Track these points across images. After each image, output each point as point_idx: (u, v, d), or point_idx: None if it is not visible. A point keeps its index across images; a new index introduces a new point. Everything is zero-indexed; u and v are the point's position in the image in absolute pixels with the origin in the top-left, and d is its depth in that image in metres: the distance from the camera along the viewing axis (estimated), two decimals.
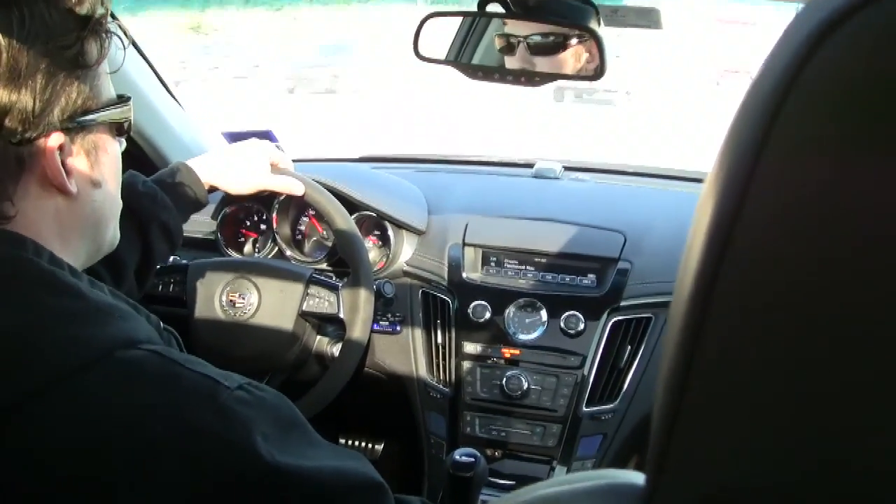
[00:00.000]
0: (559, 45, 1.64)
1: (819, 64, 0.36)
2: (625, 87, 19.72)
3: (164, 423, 0.79)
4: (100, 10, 0.95)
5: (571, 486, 0.57)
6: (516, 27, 1.67)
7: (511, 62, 1.70)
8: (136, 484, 0.76)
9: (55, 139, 0.91)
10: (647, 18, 1.63)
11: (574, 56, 1.64)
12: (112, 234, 1.11)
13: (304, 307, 1.90)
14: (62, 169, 0.92)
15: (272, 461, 0.80)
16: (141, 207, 1.53)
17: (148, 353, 0.84)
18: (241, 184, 1.77)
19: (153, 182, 1.60)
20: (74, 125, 0.94)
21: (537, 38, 1.65)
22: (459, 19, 1.71)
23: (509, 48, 1.69)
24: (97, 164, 1.00)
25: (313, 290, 1.92)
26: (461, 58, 1.74)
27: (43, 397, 0.77)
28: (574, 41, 1.63)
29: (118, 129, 1.04)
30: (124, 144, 1.10)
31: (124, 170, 1.18)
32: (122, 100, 1.03)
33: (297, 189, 1.85)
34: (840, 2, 0.36)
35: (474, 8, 1.58)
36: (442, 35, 1.71)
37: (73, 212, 0.97)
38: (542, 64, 1.67)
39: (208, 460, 0.78)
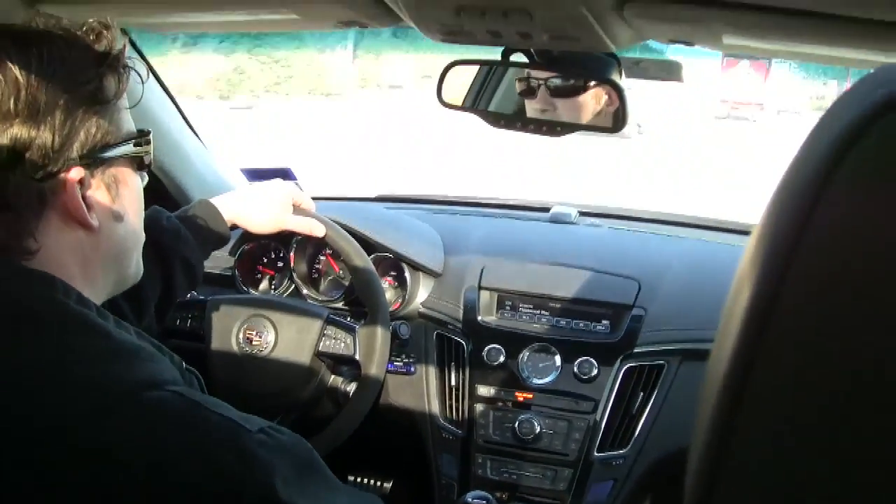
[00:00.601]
0: (579, 88, 1.65)
1: (875, 137, 0.37)
2: (635, 119, 19.78)
3: (186, 463, 0.80)
4: (117, 46, 0.97)
5: None
6: (536, 70, 1.68)
7: (531, 104, 1.72)
8: None
9: (75, 173, 0.92)
10: (669, 71, 1.65)
11: (594, 98, 1.66)
12: (135, 267, 1.12)
13: (320, 347, 1.91)
14: (83, 203, 0.94)
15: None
16: (164, 242, 1.55)
17: (171, 395, 0.85)
18: (263, 223, 1.79)
19: (176, 218, 1.61)
20: (94, 159, 0.95)
21: (557, 81, 1.67)
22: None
23: (529, 91, 1.70)
24: (118, 197, 1.01)
25: (330, 330, 1.92)
26: (479, 103, 1.76)
27: (66, 434, 0.78)
28: (593, 83, 1.64)
29: (139, 163, 1.06)
30: (146, 179, 1.11)
31: (146, 205, 1.20)
32: (141, 134, 1.05)
33: (318, 230, 1.86)
34: (882, 94, 0.38)
35: (494, 56, 1.60)
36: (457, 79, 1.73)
37: (95, 246, 0.99)
38: (562, 105, 1.68)
39: (229, 501, 0.80)
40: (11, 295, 0.86)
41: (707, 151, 17.43)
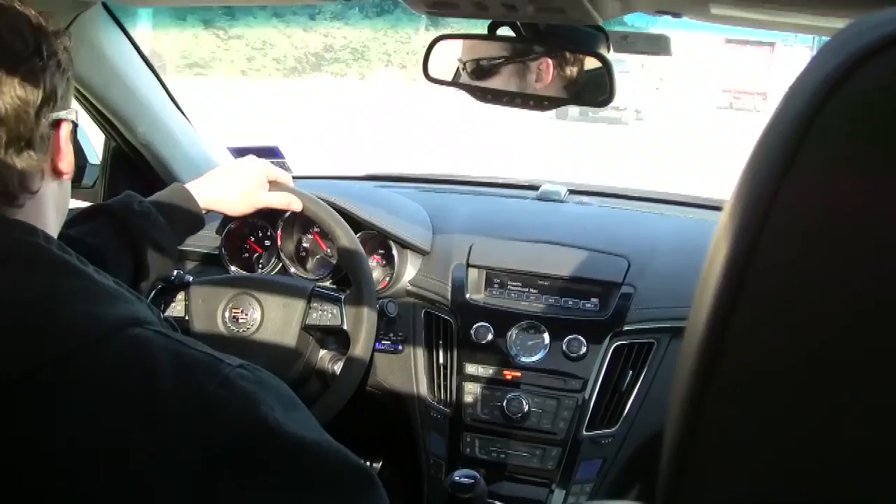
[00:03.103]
0: (491, 69, 1.64)
1: (846, 96, 0.36)
2: (634, 105, 19.65)
3: (172, 391, 0.82)
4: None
5: None
6: (465, 51, 1.67)
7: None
8: (146, 451, 0.79)
9: (67, 124, 1.00)
10: (657, 45, 1.64)
11: (512, 77, 1.64)
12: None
13: (307, 321, 1.90)
14: (70, 151, 1.01)
15: (277, 427, 0.84)
16: (135, 226, 1.55)
17: (154, 333, 0.88)
18: (239, 204, 1.79)
19: (150, 203, 1.62)
20: (70, 114, 1.01)
21: (481, 62, 1.65)
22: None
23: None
24: (71, 153, 1.05)
25: (316, 303, 1.91)
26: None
27: (56, 367, 0.80)
28: (509, 65, 1.63)
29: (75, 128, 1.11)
30: None
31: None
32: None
33: (295, 204, 1.86)
34: (868, 39, 0.37)
35: (484, 31, 1.58)
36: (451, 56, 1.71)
37: (61, 195, 1.04)
38: (483, 86, 1.66)
39: (216, 425, 0.82)
40: None
41: (707, 139, 17.34)
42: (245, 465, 0.82)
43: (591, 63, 1.58)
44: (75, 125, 1.05)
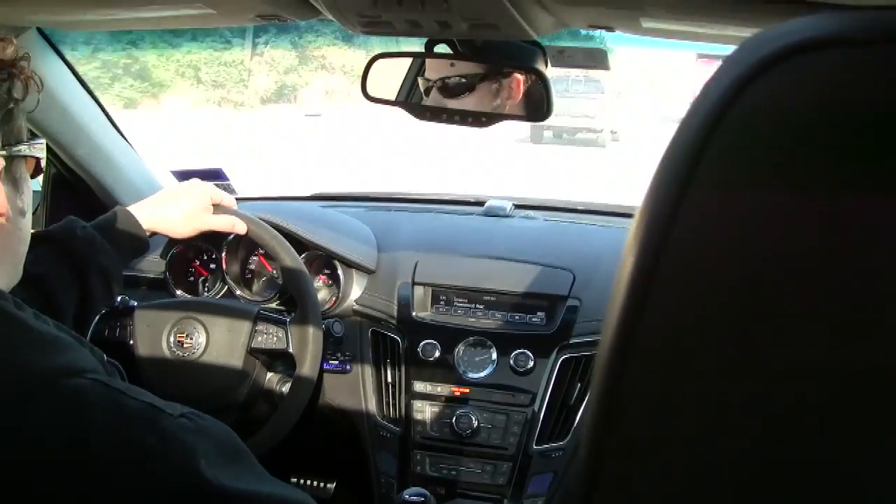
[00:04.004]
0: (466, 87, 1.64)
1: (744, 107, 0.37)
2: (609, 126, 19.65)
3: (108, 446, 0.81)
4: (21, 54, 1.00)
5: None
6: (433, 70, 1.67)
7: (427, 102, 1.70)
8: None
9: None
10: (594, 59, 1.65)
11: (486, 96, 1.64)
12: (20, 268, 1.10)
13: (252, 344, 1.89)
14: (3, 192, 0.96)
15: (216, 482, 0.82)
16: (78, 252, 1.53)
17: (92, 382, 0.86)
18: (182, 227, 1.77)
19: (92, 227, 1.60)
20: (9, 153, 0.98)
21: (450, 81, 1.65)
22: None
23: (427, 91, 1.69)
24: (22, 193, 1.02)
25: (261, 326, 1.90)
26: (411, 98, 1.74)
27: None
28: (484, 83, 1.63)
29: (35, 165, 1.07)
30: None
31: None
32: (36, 137, 1.09)
33: (239, 227, 1.85)
34: (767, 50, 0.37)
35: (422, 49, 1.59)
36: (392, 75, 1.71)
37: (1, 237, 0.99)
38: (452, 105, 1.66)
39: (152, 481, 0.81)
40: None
41: None
42: None
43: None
44: (15, 159, 1.01)
